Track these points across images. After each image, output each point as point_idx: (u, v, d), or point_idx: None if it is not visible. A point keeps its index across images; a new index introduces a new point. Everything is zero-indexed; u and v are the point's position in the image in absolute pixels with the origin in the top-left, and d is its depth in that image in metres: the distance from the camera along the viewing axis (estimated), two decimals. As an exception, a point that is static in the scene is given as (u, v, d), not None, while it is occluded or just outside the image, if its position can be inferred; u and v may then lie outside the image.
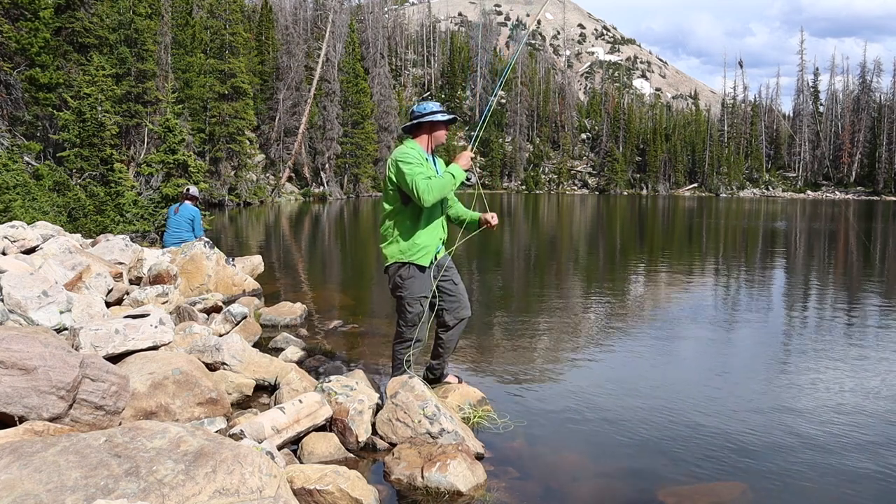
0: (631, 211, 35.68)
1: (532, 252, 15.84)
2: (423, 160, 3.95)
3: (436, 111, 4.07)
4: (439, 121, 4.07)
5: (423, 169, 3.87)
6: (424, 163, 3.95)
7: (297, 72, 41.43)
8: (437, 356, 4.39)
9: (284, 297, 7.76)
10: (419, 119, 4.06)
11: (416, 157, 3.92)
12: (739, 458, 3.61)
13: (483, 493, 3.14)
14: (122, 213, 14.18)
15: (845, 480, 3.38)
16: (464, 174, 3.99)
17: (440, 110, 4.09)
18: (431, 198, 3.81)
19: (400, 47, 74.53)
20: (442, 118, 4.06)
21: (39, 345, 3.00)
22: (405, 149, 4.00)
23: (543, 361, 5.69)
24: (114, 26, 22.31)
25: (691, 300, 9.01)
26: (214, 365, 4.28)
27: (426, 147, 4.10)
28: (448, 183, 3.90)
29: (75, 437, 2.46)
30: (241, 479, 2.36)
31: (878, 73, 68.25)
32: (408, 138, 4.15)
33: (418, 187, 3.78)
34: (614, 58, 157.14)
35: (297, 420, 3.45)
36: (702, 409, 4.38)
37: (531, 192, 66.38)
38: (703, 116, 78.61)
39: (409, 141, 4.12)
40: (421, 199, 3.80)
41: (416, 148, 4.02)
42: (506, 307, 8.21)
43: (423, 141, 4.10)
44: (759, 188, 68.94)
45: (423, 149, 4.06)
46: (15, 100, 17.26)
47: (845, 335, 6.84)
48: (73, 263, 6.03)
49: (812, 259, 14.52)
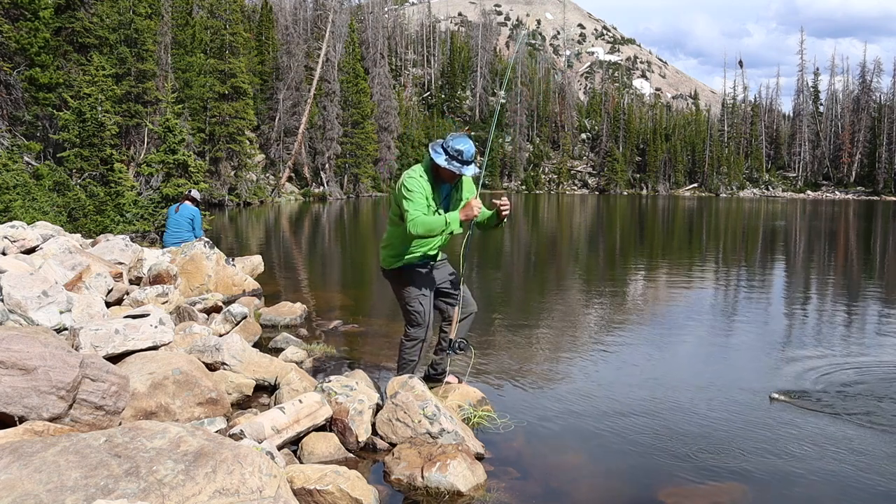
0: (631, 211, 35.67)
1: (532, 252, 15.84)
2: (424, 192, 3.97)
3: (451, 156, 3.95)
4: (444, 167, 3.99)
5: (420, 201, 3.93)
6: (425, 195, 3.97)
7: (297, 72, 41.39)
8: (441, 351, 4.41)
9: (284, 297, 7.76)
10: (434, 158, 3.98)
11: (418, 188, 3.96)
12: (740, 459, 3.61)
13: (483, 493, 3.14)
14: (122, 213, 14.18)
15: (846, 481, 3.38)
16: (459, 228, 3.96)
17: (454, 156, 3.95)
18: (415, 232, 3.90)
19: (400, 47, 74.46)
20: (445, 165, 3.96)
21: (39, 345, 3.00)
22: (414, 176, 4.02)
23: (543, 361, 5.69)
24: (114, 26, 22.28)
25: (691, 300, 9.01)
26: (214, 365, 4.28)
27: (438, 175, 4.07)
28: (438, 226, 3.88)
29: (75, 437, 2.46)
30: (241, 479, 2.36)
31: (878, 74, 68.25)
32: (427, 158, 4.10)
33: (406, 219, 3.91)
34: (614, 58, 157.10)
35: (297, 420, 3.44)
36: (702, 409, 4.38)
37: (531, 192, 66.38)
38: (703, 116, 78.58)
39: (422, 167, 4.09)
40: (407, 229, 3.91)
41: (424, 177, 4.02)
42: (506, 307, 8.21)
43: (435, 169, 4.07)
44: (759, 188, 68.92)
45: (433, 177, 4.05)
46: (15, 100, 17.26)
47: (846, 334, 6.84)
48: (73, 263, 6.03)
49: (811, 257, 14.51)
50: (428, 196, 4.00)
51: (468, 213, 3.93)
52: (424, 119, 64.28)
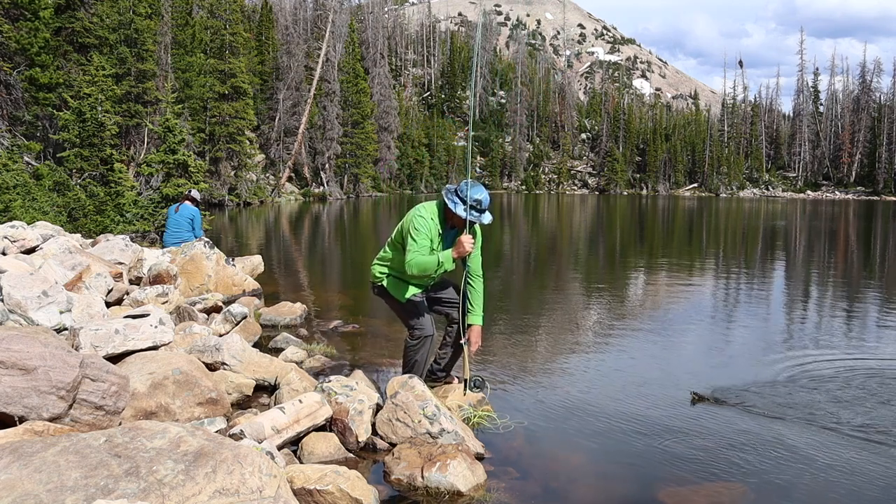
0: (631, 211, 35.67)
1: (532, 252, 15.83)
2: (430, 235, 4.00)
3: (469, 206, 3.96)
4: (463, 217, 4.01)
5: (424, 243, 3.97)
6: (430, 238, 4.00)
7: (297, 72, 41.40)
8: (446, 345, 4.40)
9: (284, 297, 7.76)
10: (453, 209, 3.99)
11: (425, 228, 4.00)
12: (740, 459, 3.61)
13: (483, 493, 3.14)
14: (122, 213, 14.18)
15: (846, 481, 3.38)
16: (451, 265, 4.01)
17: (473, 205, 3.96)
18: (411, 272, 3.96)
19: (400, 47, 74.47)
20: (465, 216, 3.98)
21: (39, 345, 3.00)
22: (425, 217, 4.04)
23: (543, 361, 5.69)
24: (114, 26, 22.27)
25: (691, 300, 9.01)
26: (214, 365, 4.28)
27: (448, 220, 4.09)
28: (431, 266, 3.92)
29: (75, 437, 2.46)
30: (241, 479, 2.36)
31: (878, 74, 68.23)
32: (440, 201, 4.11)
33: (407, 257, 3.95)
34: (614, 58, 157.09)
35: (297, 420, 3.44)
36: (702, 409, 4.38)
37: (531, 192, 66.37)
38: (703, 116, 78.58)
39: (434, 208, 4.11)
40: (405, 266, 3.96)
41: (434, 220, 4.05)
42: (506, 307, 8.21)
43: (447, 214, 4.08)
44: (759, 188, 68.93)
45: (443, 220, 4.08)
46: (15, 100, 17.25)
47: (846, 333, 6.84)
48: (73, 263, 6.02)
49: (811, 256, 14.51)
50: (433, 239, 4.03)
51: (461, 250, 3.95)
52: (424, 119, 64.28)
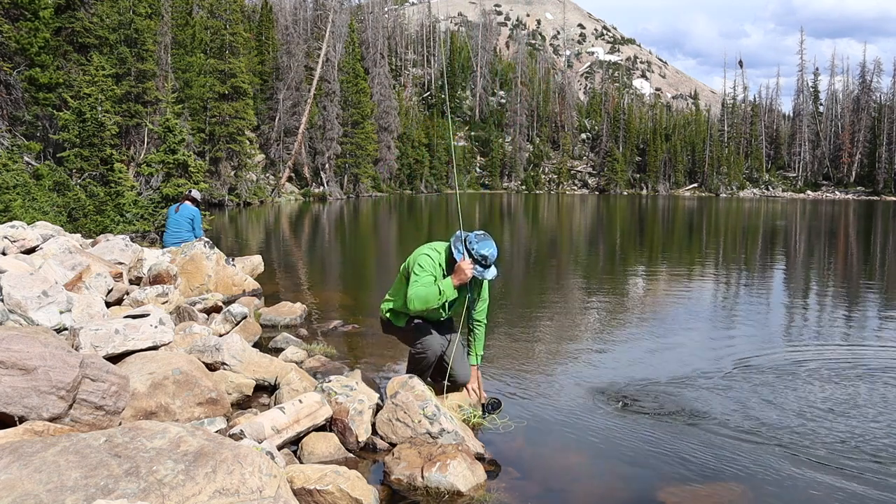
0: (631, 211, 35.67)
1: (532, 252, 15.83)
2: (435, 272, 4.02)
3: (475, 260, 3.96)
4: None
5: (427, 279, 3.98)
6: (436, 275, 4.01)
7: (297, 72, 41.39)
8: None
9: (284, 297, 7.76)
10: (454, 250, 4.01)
11: (430, 268, 4.02)
12: (740, 459, 3.61)
13: (483, 493, 3.14)
14: (122, 213, 14.18)
15: (847, 481, 3.38)
16: (453, 293, 3.96)
17: (479, 260, 3.96)
18: (412, 306, 3.96)
19: (400, 47, 74.44)
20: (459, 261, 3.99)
21: (39, 345, 3.00)
22: (432, 257, 4.06)
23: (543, 362, 5.69)
24: (114, 26, 22.27)
25: (691, 299, 9.01)
26: (214, 365, 4.27)
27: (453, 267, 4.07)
28: (433, 297, 3.90)
29: (75, 437, 2.46)
30: (241, 479, 2.36)
31: (878, 74, 68.21)
32: (447, 248, 4.12)
33: (409, 291, 3.97)
34: (614, 58, 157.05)
35: (297, 420, 3.44)
36: (702, 409, 4.38)
37: (531, 192, 66.35)
38: (703, 116, 78.53)
39: (443, 253, 4.12)
40: (408, 302, 3.97)
41: (441, 265, 4.06)
42: (506, 307, 8.21)
43: (452, 261, 4.08)
44: (759, 188, 68.91)
45: (448, 265, 4.08)
46: (15, 100, 17.25)
47: (846, 332, 6.84)
48: (73, 263, 6.02)
49: (811, 256, 14.51)
50: (437, 277, 4.02)
51: (461, 276, 3.92)
52: (424, 119, 64.25)
